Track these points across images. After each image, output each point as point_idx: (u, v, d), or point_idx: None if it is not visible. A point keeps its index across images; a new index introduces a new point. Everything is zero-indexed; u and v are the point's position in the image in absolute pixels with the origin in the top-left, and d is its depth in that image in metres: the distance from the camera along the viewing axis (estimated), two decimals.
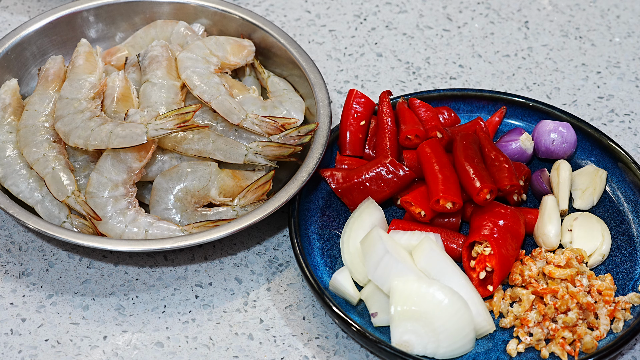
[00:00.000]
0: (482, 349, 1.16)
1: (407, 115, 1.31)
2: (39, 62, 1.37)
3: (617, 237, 1.26)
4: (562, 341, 1.16)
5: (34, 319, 1.19)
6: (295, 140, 1.26)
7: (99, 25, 1.40)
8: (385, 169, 1.26)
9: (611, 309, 1.18)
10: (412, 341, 1.14)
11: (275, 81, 1.37)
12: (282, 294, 1.23)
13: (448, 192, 1.21)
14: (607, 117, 1.43)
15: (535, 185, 1.29)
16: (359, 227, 1.22)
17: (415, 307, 1.13)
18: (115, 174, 1.21)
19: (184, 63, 1.30)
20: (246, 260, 1.26)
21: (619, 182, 1.31)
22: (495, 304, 1.19)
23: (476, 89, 1.41)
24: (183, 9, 1.40)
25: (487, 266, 1.19)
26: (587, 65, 1.51)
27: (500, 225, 1.20)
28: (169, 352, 1.17)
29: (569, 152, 1.33)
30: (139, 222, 1.21)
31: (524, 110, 1.37)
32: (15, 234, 1.27)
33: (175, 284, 1.23)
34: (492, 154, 1.27)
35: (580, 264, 1.21)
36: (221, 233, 1.18)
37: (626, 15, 1.58)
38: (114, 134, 1.20)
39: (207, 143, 1.24)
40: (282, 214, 1.27)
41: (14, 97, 1.30)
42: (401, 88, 1.46)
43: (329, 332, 1.19)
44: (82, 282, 1.23)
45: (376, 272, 1.16)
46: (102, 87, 1.28)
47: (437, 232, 1.22)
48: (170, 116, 1.21)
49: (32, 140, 1.24)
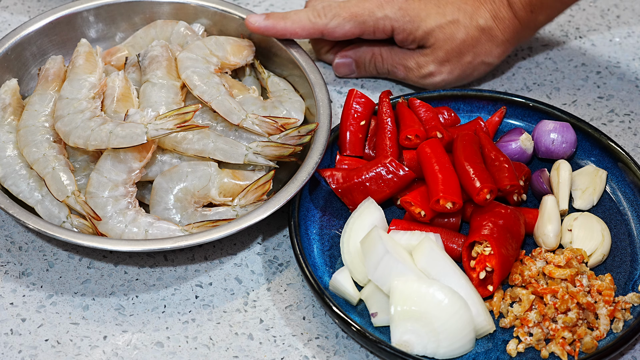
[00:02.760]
0: (482, 349, 1.16)
1: (407, 115, 1.31)
2: (39, 62, 1.37)
3: (617, 237, 1.26)
4: (562, 341, 1.16)
5: (34, 319, 1.19)
6: (295, 140, 1.26)
7: (99, 25, 1.40)
8: (385, 169, 1.26)
9: (611, 309, 1.18)
10: (412, 341, 1.14)
11: (275, 81, 1.37)
12: (282, 294, 1.23)
13: (448, 192, 1.21)
14: (607, 117, 1.43)
15: (535, 185, 1.29)
16: (359, 227, 1.22)
17: (415, 307, 1.13)
18: (115, 174, 1.21)
19: (184, 63, 1.30)
20: (246, 260, 1.26)
21: (619, 182, 1.31)
22: (495, 304, 1.19)
23: (476, 88, 1.41)
24: (183, 9, 1.40)
25: (487, 266, 1.19)
26: (587, 65, 1.51)
27: (500, 225, 1.20)
28: (169, 352, 1.17)
29: (569, 152, 1.33)
30: (139, 222, 1.21)
31: (524, 110, 1.37)
32: (15, 234, 1.27)
33: (175, 284, 1.23)
34: (492, 154, 1.27)
35: (580, 264, 1.21)
36: (221, 233, 1.18)
37: (626, 15, 1.58)
38: (114, 134, 1.20)
39: (207, 143, 1.24)
40: (282, 214, 1.27)
41: (14, 97, 1.30)
42: (401, 88, 1.46)
43: (329, 332, 1.20)
44: (82, 282, 1.23)
45: (376, 272, 1.16)
46: (102, 87, 1.28)
47: (437, 232, 1.22)
48: (170, 116, 1.21)
49: (32, 140, 1.24)
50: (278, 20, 1.35)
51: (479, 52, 1.38)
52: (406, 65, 1.39)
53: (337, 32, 1.36)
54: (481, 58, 1.38)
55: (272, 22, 1.35)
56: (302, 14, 1.36)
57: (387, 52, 1.41)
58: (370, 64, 1.42)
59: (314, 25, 1.36)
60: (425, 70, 1.38)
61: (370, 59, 1.42)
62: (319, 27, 1.36)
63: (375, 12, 1.35)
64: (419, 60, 1.38)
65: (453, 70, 1.38)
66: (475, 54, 1.38)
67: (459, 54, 1.37)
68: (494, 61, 1.40)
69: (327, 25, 1.35)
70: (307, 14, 1.36)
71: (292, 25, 1.35)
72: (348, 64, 1.44)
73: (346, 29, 1.36)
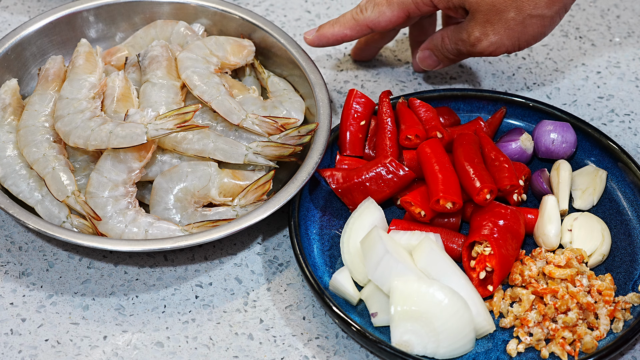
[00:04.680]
0: (482, 349, 1.16)
1: (407, 115, 1.31)
2: (39, 62, 1.37)
3: (617, 237, 1.26)
4: (562, 341, 1.16)
5: (34, 319, 1.19)
6: (295, 140, 1.26)
7: (99, 25, 1.40)
8: (385, 169, 1.26)
9: (611, 309, 1.18)
10: (412, 341, 1.14)
11: (275, 81, 1.37)
12: (282, 294, 1.23)
13: (448, 192, 1.21)
14: (607, 117, 1.43)
15: (535, 185, 1.29)
16: (359, 227, 1.22)
17: (415, 307, 1.13)
18: (115, 174, 1.21)
19: (184, 63, 1.30)
20: (246, 260, 1.26)
21: (619, 182, 1.31)
22: (495, 304, 1.19)
23: (476, 89, 1.41)
24: (183, 9, 1.40)
25: (487, 266, 1.19)
26: (587, 65, 1.51)
27: (500, 225, 1.20)
28: (169, 352, 1.17)
29: (569, 152, 1.33)
30: (139, 222, 1.21)
31: (524, 110, 1.37)
32: (15, 234, 1.27)
33: (175, 284, 1.23)
34: (492, 154, 1.27)
35: (580, 264, 1.21)
36: (221, 233, 1.18)
37: (626, 15, 1.58)
38: (114, 134, 1.20)
39: (207, 143, 1.24)
40: (282, 214, 1.27)
41: (14, 97, 1.30)
42: (401, 88, 1.46)
43: (329, 332, 1.20)
44: (82, 282, 1.23)
45: (376, 272, 1.16)
46: (102, 87, 1.28)
47: (437, 232, 1.22)
48: (170, 116, 1.21)
49: (32, 140, 1.24)
50: (328, 28, 1.36)
51: (521, 6, 1.29)
52: (461, 37, 1.35)
53: (381, 22, 1.35)
54: (527, 11, 1.29)
55: (323, 31, 1.36)
56: (347, 14, 1.36)
57: (450, 31, 1.37)
58: (444, 48, 1.39)
59: (357, 21, 1.35)
60: (473, 37, 1.32)
61: (441, 43, 1.39)
62: (364, 22, 1.35)
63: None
64: (467, 28, 1.33)
65: (498, 30, 1.31)
66: (518, 9, 1.29)
67: (498, 11, 1.30)
68: (545, 12, 1.29)
69: (369, 17, 1.35)
70: (351, 13, 1.36)
71: (341, 29, 1.36)
72: (428, 56, 1.41)
73: (388, 16, 1.34)
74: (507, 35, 1.31)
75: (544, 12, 1.29)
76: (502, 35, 1.31)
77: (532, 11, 1.29)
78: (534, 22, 1.30)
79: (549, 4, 1.29)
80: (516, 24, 1.30)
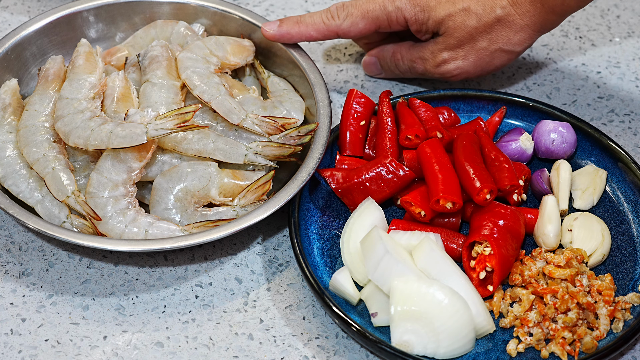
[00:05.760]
0: (482, 349, 1.16)
1: (407, 115, 1.31)
2: (39, 62, 1.37)
3: (617, 237, 1.26)
4: (562, 341, 1.16)
5: (34, 319, 1.19)
6: (295, 140, 1.26)
7: (99, 25, 1.40)
8: (385, 169, 1.26)
9: (611, 309, 1.18)
10: (412, 341, 1.14)
11: (275, 81, 1.37)
12: (282, 294, 1.23)
13: (448, 192, 1.21)
14: (607, 117, 1.43)
15: (535, 185, 1.29)
16: (359, 227, 1.22)
17: (415, 307, 1.13)
18: (115, 174, 1.21)
19: (184, 63, 1.30)
20: (246, 260, 1.26)
21: (619, 182, 1.31)
22: (495, 304, 1.19)
23: (476, 89, 1.41)
24: (183, 9, 1.40)
25: (487, 266, 1.19)
26: (587, 65, 1.51)
27: (500, 225, 1.20)
28: (169, 352, 1.17)
29: (569, 152, 1.33)
30: (139, 222, 1.21)
31: (524, 110, 1.37)
32: (15, 234, 1.27)
33: (175, 284, 1.23)
34: (492, 154, 1.27)
35: (580, 264, 1.21)
36: (221, 233, 1.18)
37: (626, 15, 1.58)
38: (114, 134, 1.20)
39: (207, 143, 1.24)
40: (282, 214, 1.27)
41: (14, 97, 1.30)
42: (401, 88, 1.46)
43: (329, 332, 1.20)
44: (82, 282, 1.23)
45: (376, 272, 1.16)
46: (102, 87, 1.28)
47: (437, 232, 1.22)
48: (170, 116, 1.21)
49: (32, 140, 1.24)
50: (292, 25, 1.35)
51: (495, 39, 1.34)
52: (422, 56, 1.38)
53: (352, 32, 1.36)
54: (498, 45, 1.35)
55: (287, 28, 1.35)
56: (315, 16, 1.36)
57: (406, 48, 1.40)
58: (392, 62, 1.42)
59: (328, 27, 1.35)
60: (439, 58, 1.36)
61: (391, 57, 1.41)
62: (333, 28, 1.35)
63: (387, 5, 1.35)
64: (432, 48, 1.36)
65: (467, 56, 1.35)
66: (491, 41, 1.34)
67: (471, 39, 1.34)
68: (515, 49, 1.36)
69: (340, 25, 1.35)
70: (321, 16, 1.36)
71: (307, 29, 1.35)
72: (373, 63, 1.44)
73: (360, 27, 1.35)
74: (475, 63, 1.36)
75: (514, 48, 1.36)
76: (470, 62, 1.36)
77: (503, 46, 1.35)
78: (502, 56, 1.36)
79: (521, 41, 1.35)
80: (486, 54, 1.36)
